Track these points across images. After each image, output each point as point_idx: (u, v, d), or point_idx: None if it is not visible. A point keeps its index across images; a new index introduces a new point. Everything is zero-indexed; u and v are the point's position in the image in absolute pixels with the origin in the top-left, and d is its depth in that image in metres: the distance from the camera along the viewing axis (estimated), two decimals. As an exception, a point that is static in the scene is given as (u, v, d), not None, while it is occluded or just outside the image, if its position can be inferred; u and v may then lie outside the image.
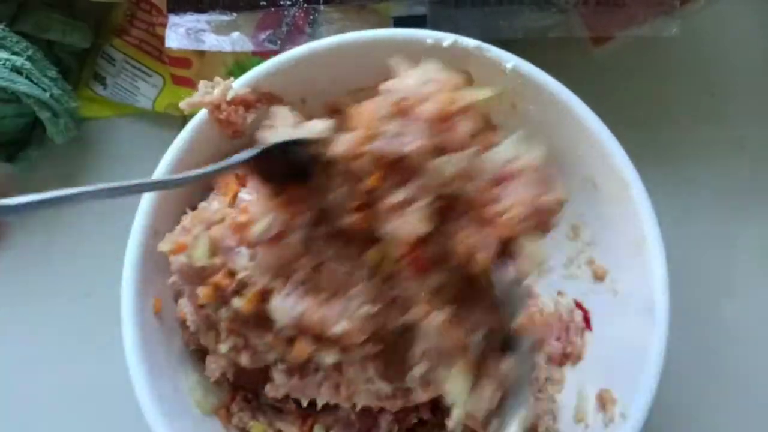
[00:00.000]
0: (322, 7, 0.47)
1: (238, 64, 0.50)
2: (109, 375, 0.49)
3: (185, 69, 0.52)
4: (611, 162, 0.40)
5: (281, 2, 0.47)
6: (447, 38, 0.40)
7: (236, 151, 0.44)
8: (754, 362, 0.49)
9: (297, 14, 0.47)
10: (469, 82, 0.42)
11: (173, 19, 0.48)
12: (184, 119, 0.53)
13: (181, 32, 0.48)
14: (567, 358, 0.44)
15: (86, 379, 0.50)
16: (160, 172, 0.41)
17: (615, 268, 0.42)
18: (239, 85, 0.41)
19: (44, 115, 0.49)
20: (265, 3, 0.47)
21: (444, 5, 0.46)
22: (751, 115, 0.53)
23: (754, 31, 0.54)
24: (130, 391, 0.48)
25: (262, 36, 0.48)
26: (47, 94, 0.49)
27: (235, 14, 0.48)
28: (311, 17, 0.47)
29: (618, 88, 0.52)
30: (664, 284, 0.38)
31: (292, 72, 0.41)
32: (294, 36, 0.47)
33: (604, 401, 0.40)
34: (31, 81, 0.48)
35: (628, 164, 0.39)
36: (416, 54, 0.41)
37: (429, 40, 0.40)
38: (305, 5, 0.47)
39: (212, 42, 0.48)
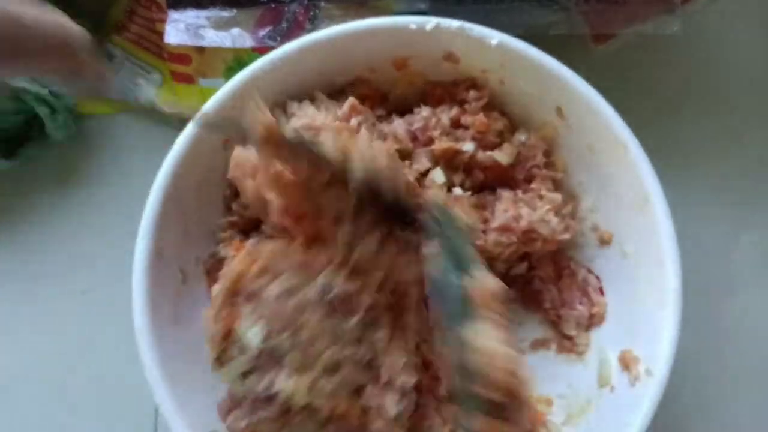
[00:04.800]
0: (322, 4, 0.47)
1: (238, 61, 0.50)
2: (106, 371, 0.49)
3: (185, 65, 0.51)
4: (605, 124, 0.40)
5: (281, -2, 0.47)
6: (430, 22, 0.41)
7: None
8: (755, 361, 0.49)
9: (297, 10, 0.47)
10: (456, 61, 0.42)
11: (173, 15, 0.48)
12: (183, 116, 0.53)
13: (180, 28, 0.48)
14: (593, 320, 0.44)
15: (82, 376, 0.50)
16: (164, 170, 0.40)
17: (620, 231, 0.43)
18: (233, 85, 0.41)
19: (43, 112, 0.49)
20: (265, -1, 0.47)
21: (445, 2, 0.46)
22: (751, 114, 0.53)
23: (756, 29, 0.54)
24: (127, 387, 0.48)
25: (262, 32, 0.48)
26: (46, 91, 0.48)
27: (235, 10, 0.48)
28: (311, 13, 0.47)
29: (619, 85, 0.51)
30: (671, 235, 0.38)
31: (282, 68, 0.41)
32: (294, 32, 0.47)
33: (626, 362, 0.40)
34: (30, 77, 0.48)
35: (622, 124, 0.40)
36: (403, 41, 0.41)
37: (412, 26, 0.41)
38: (306, 1, 0.47)
39: (212, 38, 0.48)
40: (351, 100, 0.42)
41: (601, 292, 0.44)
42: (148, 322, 0.38)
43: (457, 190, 0.42)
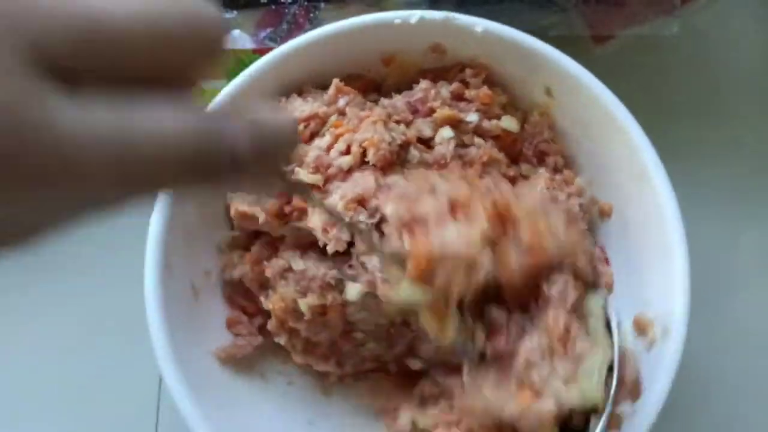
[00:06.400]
0: (322, 5, 0.47)
1: (238, 62, 0.50)
2: (106, 371, 0.49)
3: (185, 67, 0.52)
4: (595, 98, 0.40)
5: (282, 0, 0.47)
6: (414, 15, 0.41)
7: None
8: (755, 362, 0.49)
9: (298, 12, 0.47)
10: (443, 52, 0.42)
11: (174, 16, 0.48)
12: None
13: (181, 30, 0.48)
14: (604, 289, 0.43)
15: (83, 376, 0.50)
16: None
17: (619, 200, 0.43)
18: (224, 95, 0.41)
19: (44, 113, 0.49)
20: (265, 1, 0.47)
21: (444, 4, 0.46)
22: (751, 115, 0.53)
23: (755, 30, 0.54)
24: (128, 387, 0.48)
25: (263, 34, 0.48)
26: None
27: (235, 12, 0.48)
28: (311, 15, 0.47)
29: (619, 86, 0.51)
30: (671, 197, 0.39)
31: (270, 73, 0.41)
32: (294, 34, 0.47)
33: (641, 326, 0.39)
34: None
35: (611, 96, 0.40)
36: (389, 36, 0.42)
37: (397, 21, 0.41)
38: (306, 3, 0.47)
39: (212, 39, 0.48)
40: (335, 82, 0.41)
41: (607, 262, 0.44)
42: (168, 342, 0.38)
43: (479, 140, 0.41)
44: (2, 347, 0.51)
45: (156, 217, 0.39)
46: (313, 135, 0.41)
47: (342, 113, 0.41)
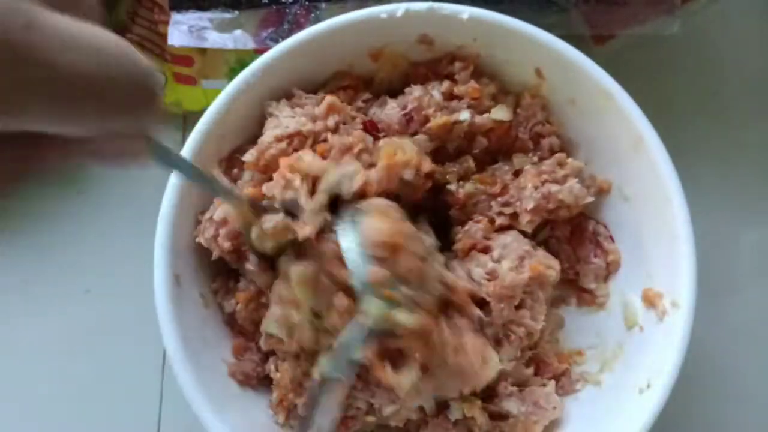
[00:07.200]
0: (323, 5, 0.47)
1: (240, 62, 0.51)
2: (109, 370, 0.50)
3: (187, 67, 0.52)
4: (585, 75, 0.40)
5: (283, 0, 0.47)
6: (399, 8, 0.41)
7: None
8: (756, 362, 0.49)
9: (299, 12, 0.47)
10: (430, 43, 0.43)
11: (176, 16, 0.48)
12: (185, 117, 0.54)
13: (183, 30, 0.48)
14: (609, 268, 0.44)
15: (85, 375, 0.50)
16: (167, 200, 0.40)
17: (618, 176, 0.43)
18: (219, 105, 0.41)
19: (46, 113, 0.49)
20: (267, 1, 0.48)
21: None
22: (751, 115, 0.53)
23: (756, 30, 0.54)
24: (130, 386, 0.48)
25: (264, 34, 0.48)
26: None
27: (237, 12, 0.48)
28: (312, 15, 0.47)
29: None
30: (671, 169, 0.39)
31: (262, 78, 0.41)
32: (295, 33, 0.47)
33: (650, 299, 0.40)
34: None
35: (602, 72, 0.40)
36: (376, 31, 0.42)
37: (383, 15, 0.41)
38: (307, 3, 0.47)
39: (214, 40, 0.48)
40: (328, 99, 0.42)
41: (612, 239, 0.44)
42: (182, 350, 0.38)
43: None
44: (2, 347, 0.51)
45: (162, 228, 0.39)
46: (296, 151, 0.41)
47: (331, 130, 0.41)
